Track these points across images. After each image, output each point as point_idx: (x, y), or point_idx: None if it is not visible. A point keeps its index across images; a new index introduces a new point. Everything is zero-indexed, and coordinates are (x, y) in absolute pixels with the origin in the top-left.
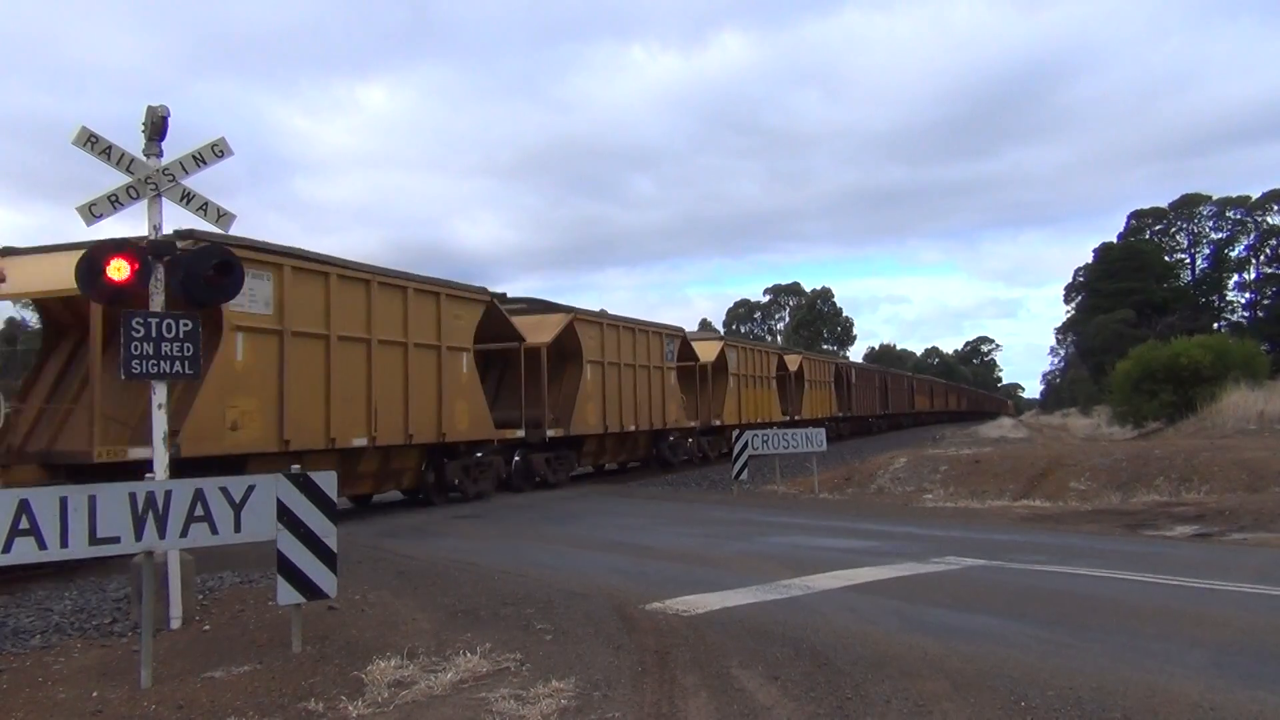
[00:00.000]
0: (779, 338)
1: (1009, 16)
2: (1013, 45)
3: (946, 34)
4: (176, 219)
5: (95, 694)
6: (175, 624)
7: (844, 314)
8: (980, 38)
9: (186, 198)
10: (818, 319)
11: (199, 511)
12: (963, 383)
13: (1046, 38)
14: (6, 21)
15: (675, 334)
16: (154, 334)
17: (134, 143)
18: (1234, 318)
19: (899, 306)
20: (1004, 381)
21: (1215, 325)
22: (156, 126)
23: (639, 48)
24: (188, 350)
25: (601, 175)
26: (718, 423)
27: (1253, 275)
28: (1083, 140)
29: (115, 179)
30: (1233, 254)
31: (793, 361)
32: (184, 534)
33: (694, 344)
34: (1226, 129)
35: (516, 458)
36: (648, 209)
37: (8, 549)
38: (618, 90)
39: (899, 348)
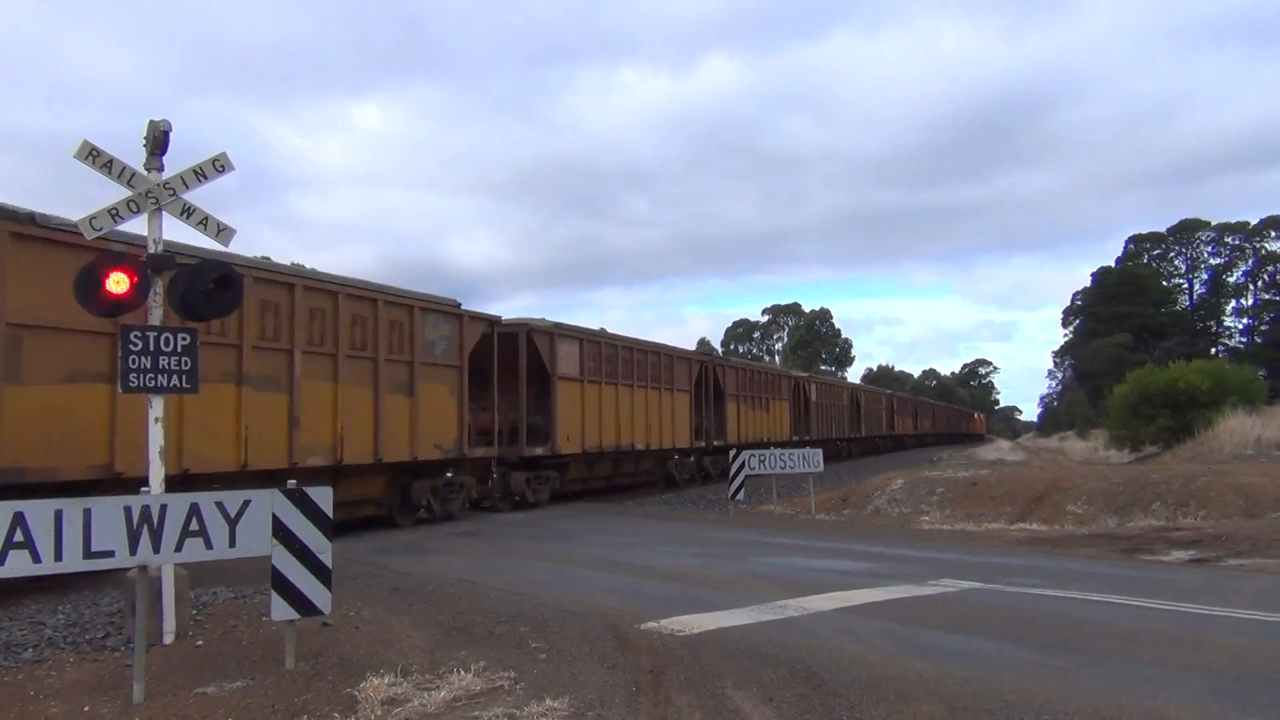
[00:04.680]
0: (778, 358)
1: (995, 44)
2: (999, 72)
3: (934, 61)
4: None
5: (87, 709)
6: (168, 639)
7: (842, 335)
8: (967, 65)
9: (187, 212)
10: (816, 339)
11: (194, 526)
12: (945, 403)
13: (1032, 65)
14: (2, 36)
15: (442, 307)
16: (152, 348)
17: (129, 158)
18: (1232, 343)
19: (894, 328)
20: (1001, 404)
21: (1213, 350)
22: (158, 141)
23: (630, 70)
24: (185, 364)
25: (596, 195)
26: (541, 450)
27: (1250, 301)
28: (1072, 166)
29: (115, 193)
30: (1231, 280)
31: (714, 370)
32: (179, 548)
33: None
34: (1216, 157)
35: None
36: (642, 229)
37: (2, 562)
38: (610, 111)
39: (896, 369)
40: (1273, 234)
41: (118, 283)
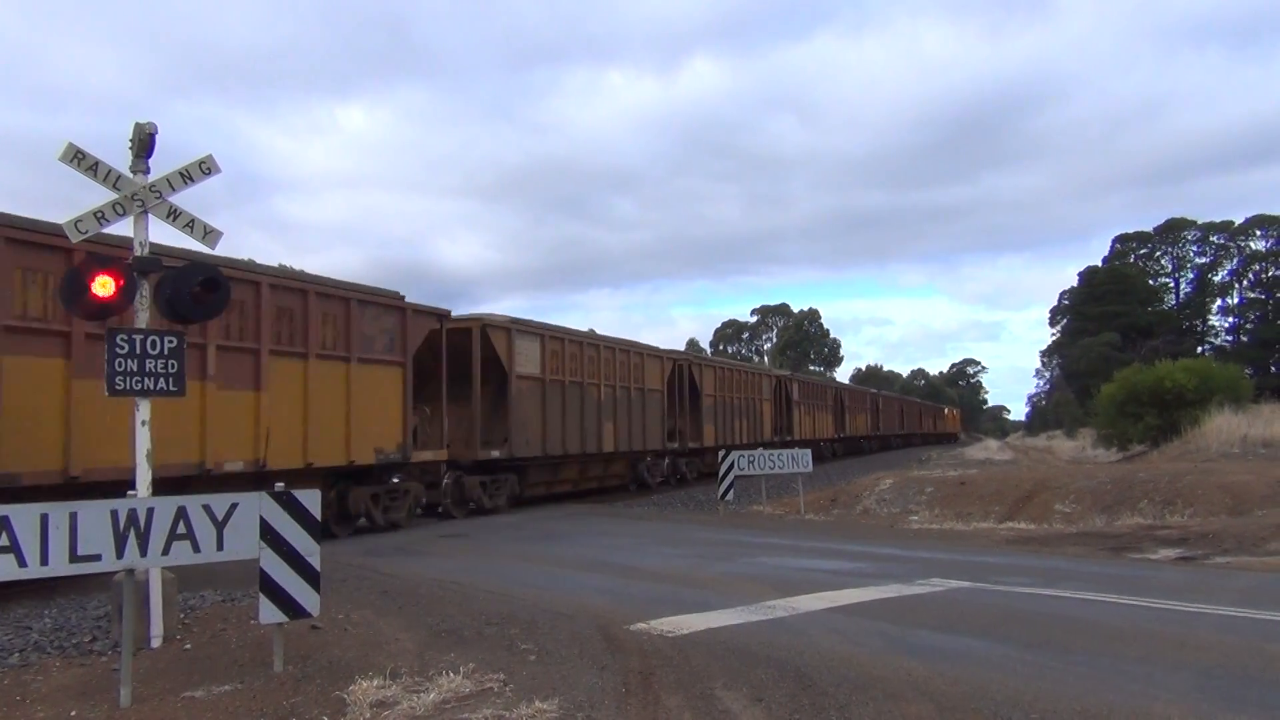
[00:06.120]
0: (766, 358)
1: (977, 46)
2: (983, 73)
3: (917, 62)
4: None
5: (74, 713)
6: (156, 643)
7: (831, 335)
8: (950, 66)
9: (173, 214)
10: (805, 340)
11: (181, 529)
12: (898, 394)
13: (1015, 66)
14: None
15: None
16: (138, 351)
17: (114, 161)
18: (1218, 342)
19: (882, 328)
20: (989, 404)
21: (1199, 349)
22: (144, 143)
23: (615, 72)
24: (172, 367)
25: (582, 197)
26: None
27: (1236, 300)
28: (1056, 166)
29: (101, 195)
30: (1216, 279)
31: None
32: (166, 552)
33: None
34: (1199, 157)
35: None
36: (629, 230)
37: None
38: (596, 114)
39: (885, 369)
40: (1257, 233)
41: (103, 285)
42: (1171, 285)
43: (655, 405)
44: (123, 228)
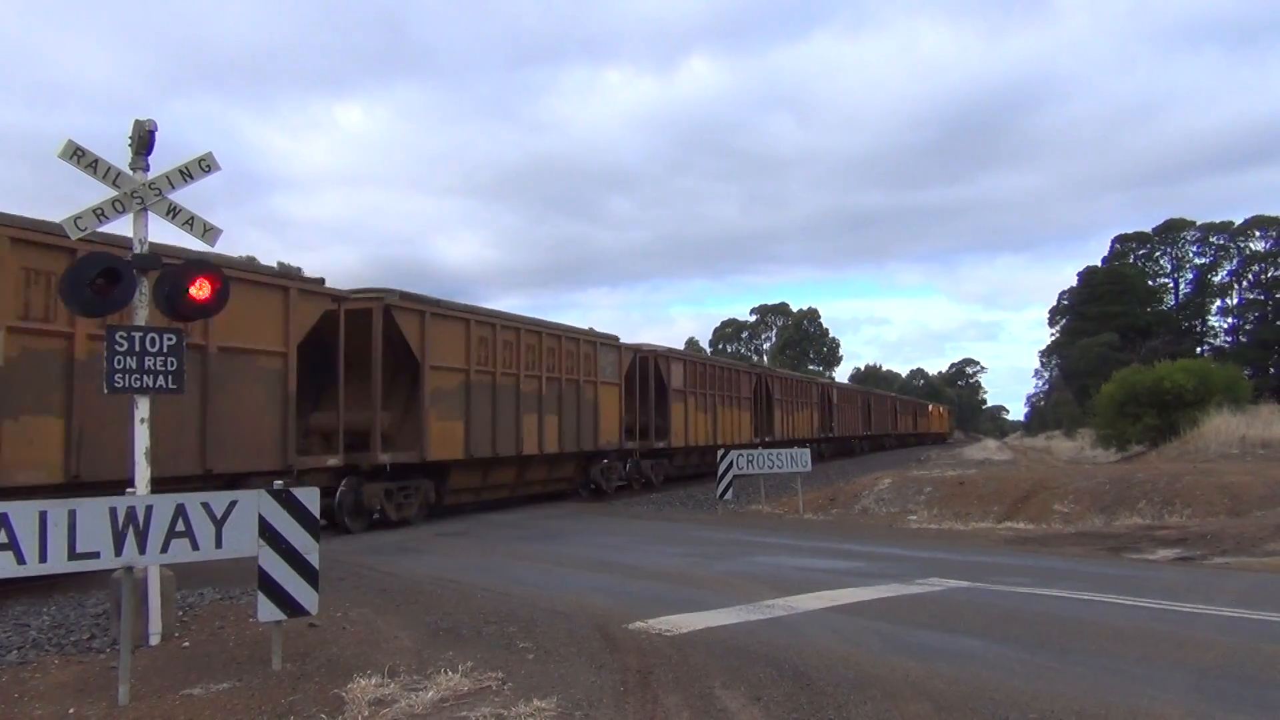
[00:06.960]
0: (765, 358)
1: (974, 46)
2: (980, 73)
3: (915, 62)
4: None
5: (72, 711)
6: (154, 640)
7: (830, 334)
8: (948, 66)
9: (173, 212)
10: (804, 339)
11: (180, 527)
12: (863, 387)
13: (1013, 67)
14: None
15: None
16: (137, 348)
17: (112, 159)
18: (1217, 342)
19: (880, 328)
20: (988, 403)
21: (1198, 350)
22: (143, 140)
23: (613, 71)
24: (171, 365)
25: (581, 196)
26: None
27: (1235, 300)
28: (1054, 167)
29: (100, 192)
30: (1215, 279)
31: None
32: (165, 549)
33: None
34: (1196, 158)
35: None
36: (628, 229)
37: None
38: (593, 113)
39: (884, 369)
40: (1256, 234)
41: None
42: (1170, 286)
43: (265, 387)
44: (122, 225)
